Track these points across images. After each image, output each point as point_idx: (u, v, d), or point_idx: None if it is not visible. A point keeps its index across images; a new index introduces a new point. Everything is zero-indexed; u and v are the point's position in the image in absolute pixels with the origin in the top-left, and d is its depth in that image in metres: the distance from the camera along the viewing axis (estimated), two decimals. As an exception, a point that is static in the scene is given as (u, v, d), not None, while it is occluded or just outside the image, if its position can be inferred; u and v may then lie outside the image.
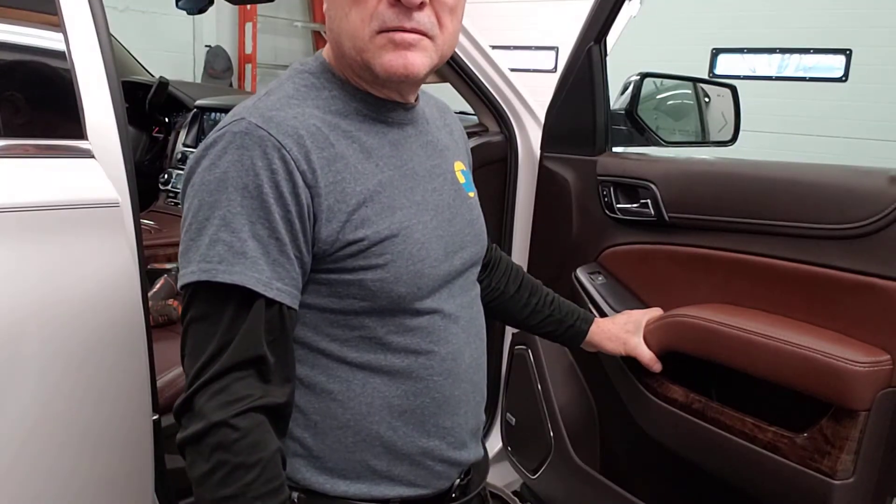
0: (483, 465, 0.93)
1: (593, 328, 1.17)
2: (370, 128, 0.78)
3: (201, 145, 0.74)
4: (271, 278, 0.69)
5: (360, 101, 0.78)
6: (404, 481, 0.80)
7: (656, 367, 1.21)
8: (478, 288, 0.95)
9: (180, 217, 0.75)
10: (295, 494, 0.78)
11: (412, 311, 0.78)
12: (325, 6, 0.77)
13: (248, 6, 5.93)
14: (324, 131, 0.73)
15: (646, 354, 1.21)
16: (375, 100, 0.79)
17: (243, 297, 0.69)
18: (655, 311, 1.29)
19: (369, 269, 0.74)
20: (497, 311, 1.15)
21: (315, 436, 0.77)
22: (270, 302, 0.69)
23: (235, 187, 0.69)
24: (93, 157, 1.08)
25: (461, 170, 0.91)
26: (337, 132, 0.74)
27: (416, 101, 0.84)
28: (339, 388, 0.76)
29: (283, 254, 0.70)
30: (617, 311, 1.44)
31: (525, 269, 1.73)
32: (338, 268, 0.73)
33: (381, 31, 0.72)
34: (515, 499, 1.66)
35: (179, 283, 0.72)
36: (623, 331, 1.21)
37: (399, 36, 0.72)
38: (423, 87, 0.88)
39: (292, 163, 0.70)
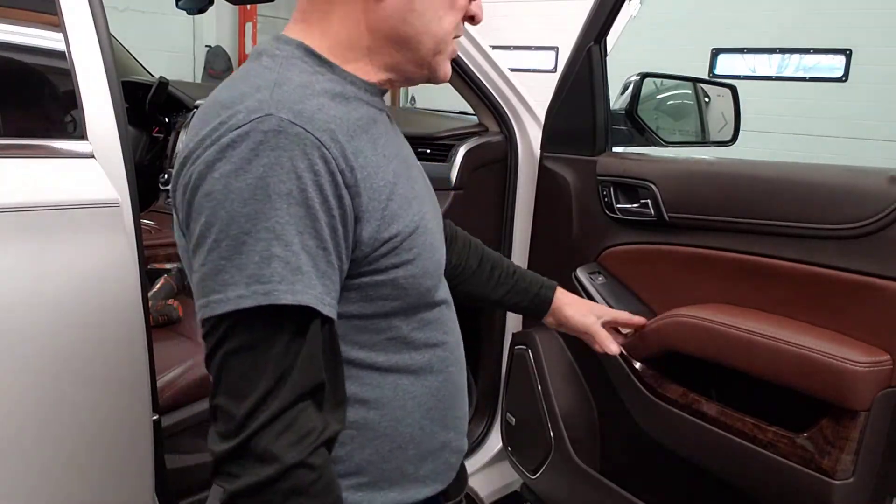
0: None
1: (558, 293, 1.12)
2: (369, 115, 0.73)
3: (208, 145, 0.63)
4: (323, 293, 0.62)
5: (362, 88, 0.74)
6: (427, 480, 0.78)
7: (612, 347, 1.15)
8: None
9: None
10: None
11: (430, 304, 0.76)
12: (394, 9, 0.72)
13: (248, 6, 5.93)
14: (345, 123, 0.67)
15: (601, 332, 1.13)
16: (369, 85, 0.75)
17: (302, 319, 0.61)
18: (621, 316, 1.23)
19: (401, 266, 0.70)
20: (462, 290, 1.05)
21: (352, 451, 0.73)
22: (326, 320, 0.63)
23: (279, 194, 0.60)
24: (93, 157, 1.08)
25: None
26: (351, 122, 0.68)
27: None
28: (372, 395, 0.72)
29: (329, 265, 0.63)
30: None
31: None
32: (371, 269, 0.69)
33: (454, 40, 0.77)
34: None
35: (213, 313, 0.61)
36: (586, 306, 1.17)
37: (456, 46, 0.78)
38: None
39: (332, 162, 0.63)
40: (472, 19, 0.77)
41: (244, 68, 0.71)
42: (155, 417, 1.17)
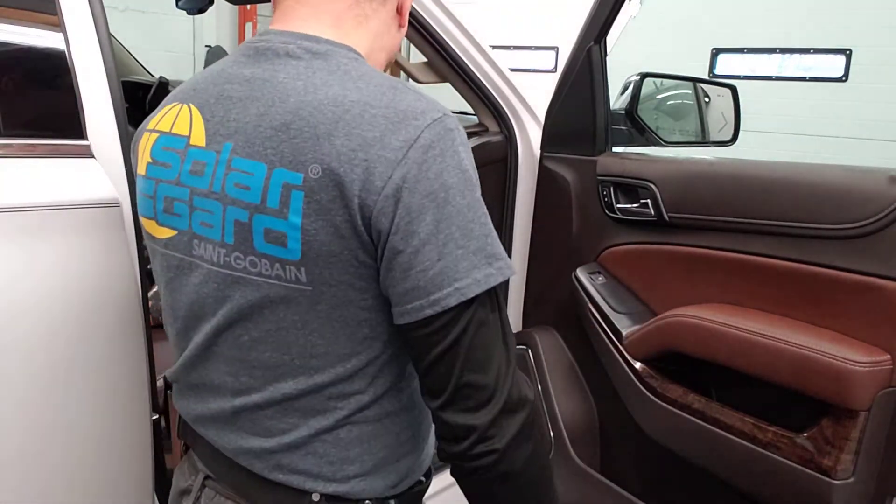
0: None
1: None
2: None
3: (402, 148, 0.64)
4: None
5: None
6: (424, 464, 0.84)
7: None
8: None
9: None
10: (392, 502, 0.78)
11: None
12: (400, 37, 0.82)
13: (248, 6, 5.93)
14: None
15: None
16: None
17: (501, 288, 0.69)
18: None
19: None
20: None
21: (413, 427, 0.79)
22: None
23: (476, 182, 0.68)
24: (93, 156, 1.08)
25: None
26: None
27: None
28: (412, 376, 0.77)
29: None
30: (617, 311, 1.44)
31: (525, 270, 1.74)
32: None
33: None
34: None
35: (464, 298, 0.64)
36: None
37: None
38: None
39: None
40: None
41: (324, 65, 0.70)
42: (154, 417, 1.17)
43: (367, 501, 0.76)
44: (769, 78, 4.65)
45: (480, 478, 0.70)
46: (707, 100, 1.80)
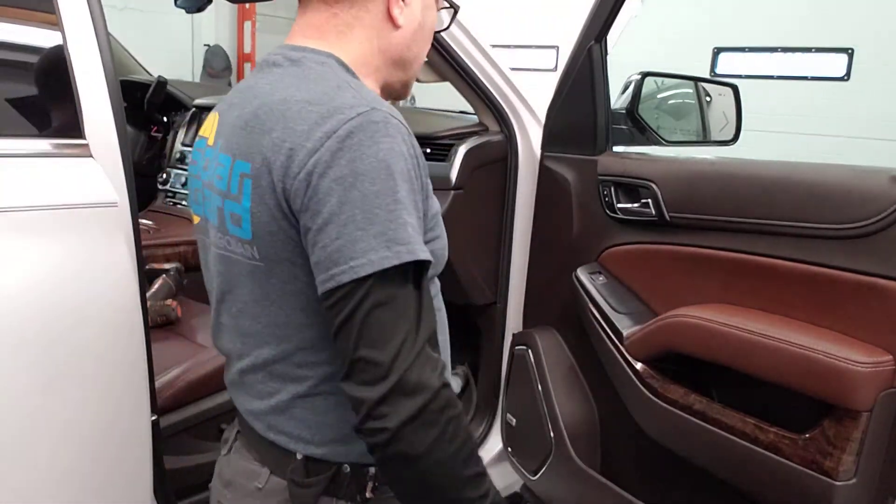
0: None
1: None
2: None
3: (322, 138, 0.72)
4: (424, 250, 0.74)
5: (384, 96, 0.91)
6: None
7: None
8: None
9: (179, 217, 0.76)
10: (372, 470, 0.85)
11: (433, 277, 0.89)
12: (405, 28, 0.86)
13: (247, 5, 5.92)
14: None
15: None
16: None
17: (419, 273, 0.73)
18: None
19: (436, 239, 0.83)
20: None
21: None
22: (426, 271, 0.75)
23: (398, 172, 0.72)
24: (91, 156, 1.08)
25: None
26: None
27: None
28: None
29: (422, 229, 0.77)
30: (619, 312, 1.43)
31: (526, 270, 1.74)
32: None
33: None
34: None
35: (355, 276, 0.70)
36: None
37: None
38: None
39: (414, 148, 0.77)
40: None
41: (295, 71, 0.80)
42: (153, 418, 1.17)
43: (345, 465, 0.84)
44: (771, 77, 4.65)
45: (379, 458, 0.73)
46: (708, 99, 1.79)
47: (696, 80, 1.84)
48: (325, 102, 0.74)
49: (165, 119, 2.69)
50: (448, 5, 0.95)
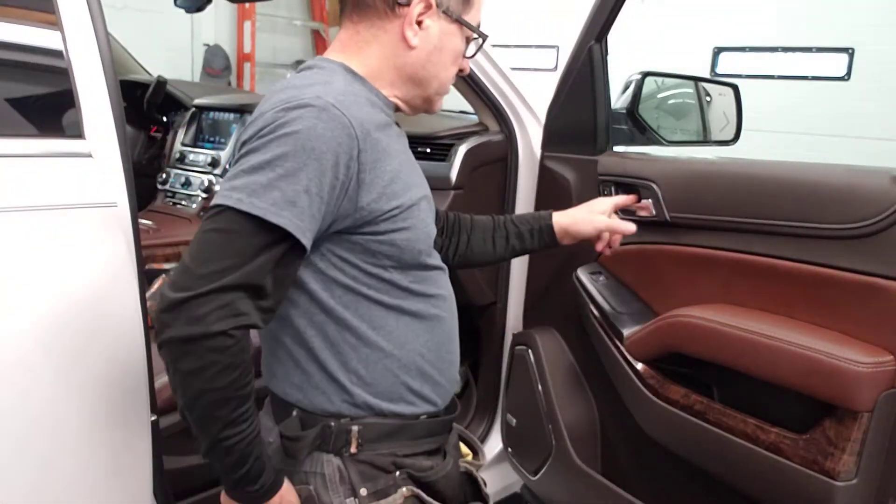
0: None
1: (556, 218, 1.26)
2: (386, 121, 0.96)
3: (275, 106, 0.85)
4: (306, 228, 0.83)
5: (384, 103, 0.99)
6: (429, 399, 1.00)
7: (630, 227, 1.27)
8: None
9: (179, 217, 0.78)
10: (355, 428, 0.95)
11: (423, 266, 0.98)
12: (419, 49, 0.97)
13: (247, 4, 5.92)
14: (370, 119, 0.90)
15: (617, 224, 1.27)
16: (388, 101, 1.00)
17: (278, 237, 0.82)
18: (620, 199, 1.34)
19: (399, 231, 0.92)
20: (472, 259, 1.27)
21: (367, 366, 0.95)
22: (300, 247, 0.84)
23: (304, 149, 0.82)
24: (90, 156, 1.07)
25: None
26: (374, 122, 0.91)
27: None
28: (381, 324, 0.95)
29: (319, 211, 0.85)
30: (619, 312, 1.43)
31: (526, 270, 1.74)
32: (371, 231, 0.90)
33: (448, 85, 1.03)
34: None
35: (216, 201, 0.81)
36: (588, 214, 1.28)
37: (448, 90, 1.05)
38: None
39: (355, 140, 0.86)
40: (461, 70, 1.05)
41: (299, 76, 0.95)
42: (153, 418, 1.17)
43: (331, 421, 0.94)
44: (771, 77, 4.65)
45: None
46: (709, 99, 1.79)
47: (696, 79, 1.84)
48: (291, 92, 0.88)
49: (165, 119, 2.69)
50: (476, 36, 1.01)
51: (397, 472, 0.97)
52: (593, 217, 1.26)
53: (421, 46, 0.96)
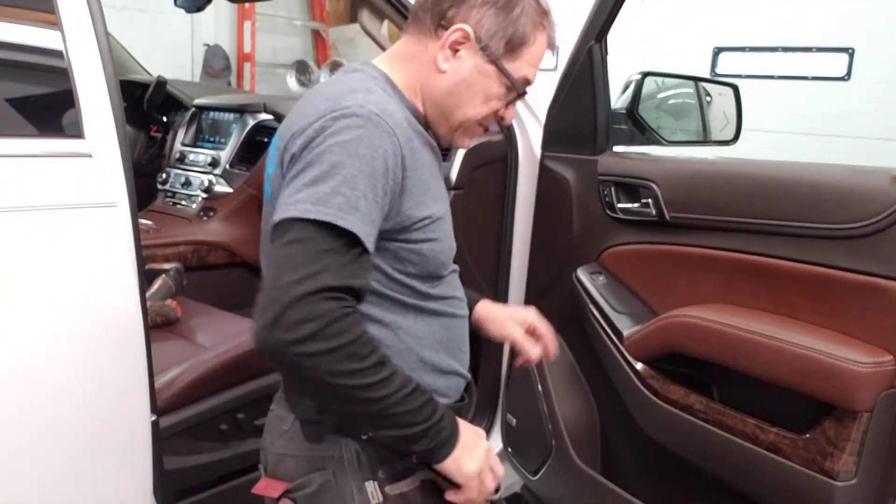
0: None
1: (477, 309, 1.21)
2: (420, 132, 0.99)
3: (322, 115, 0.88)
4: (368, 231, 0.85)
5: (417, 118, 1.01)
6: (441, 393, 1.01)
7: (533, 354, 1.16)
8: None
9: (179, 217, 0.76)
10: None
11: (443, 272, 1.01)
12: (447, 76, 0.98)
13: (247, 4, 5.91)
14: (409, 129, 0.93)
15: (520, 342, 1.18)
16: (419, 113, 1.03)
17: (348, 241, 0.84)
18: (539, 326, 1.19)
19: (427, 242, 0.95)
20: None
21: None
22: (365, 250, 0.86)
23: (357, 155, 0.85)
24: (90, 156, 1.07)
25: None
26: (411, 129, 0.94)
27: None
28: (401, 322, 0.97)
29: (378, 215, 0.88)
30: (618, 311, 1.43)
31: (526, 270, 1.74)
32: (404, 238, 0.93)
33: (477, 125, 1.03)
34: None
35: (283, 216, 0.83)
36: (503, 317, 1.20)
37: (479, 130, 1.05)
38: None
39: (398, 147, 0.88)
40: (502, 119, 1.05)
41: (340, 77, 0.99)
42: (153, 418, 1.17)
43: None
44: (771, 77, 4.64)
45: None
46: (708, 99, 1.79)
47: (696, 79, 1.84)
48: (335, 99, 0.89)
49: (165, 119, 2.69)
50: (516, 91, 1.02)
51: (413, 457, 0.97)
52: (507, 324, 1.18)
53: (449, 74, 0.98)
